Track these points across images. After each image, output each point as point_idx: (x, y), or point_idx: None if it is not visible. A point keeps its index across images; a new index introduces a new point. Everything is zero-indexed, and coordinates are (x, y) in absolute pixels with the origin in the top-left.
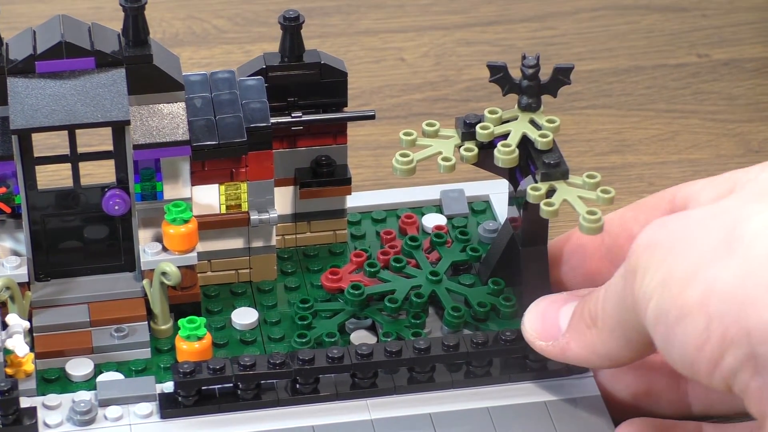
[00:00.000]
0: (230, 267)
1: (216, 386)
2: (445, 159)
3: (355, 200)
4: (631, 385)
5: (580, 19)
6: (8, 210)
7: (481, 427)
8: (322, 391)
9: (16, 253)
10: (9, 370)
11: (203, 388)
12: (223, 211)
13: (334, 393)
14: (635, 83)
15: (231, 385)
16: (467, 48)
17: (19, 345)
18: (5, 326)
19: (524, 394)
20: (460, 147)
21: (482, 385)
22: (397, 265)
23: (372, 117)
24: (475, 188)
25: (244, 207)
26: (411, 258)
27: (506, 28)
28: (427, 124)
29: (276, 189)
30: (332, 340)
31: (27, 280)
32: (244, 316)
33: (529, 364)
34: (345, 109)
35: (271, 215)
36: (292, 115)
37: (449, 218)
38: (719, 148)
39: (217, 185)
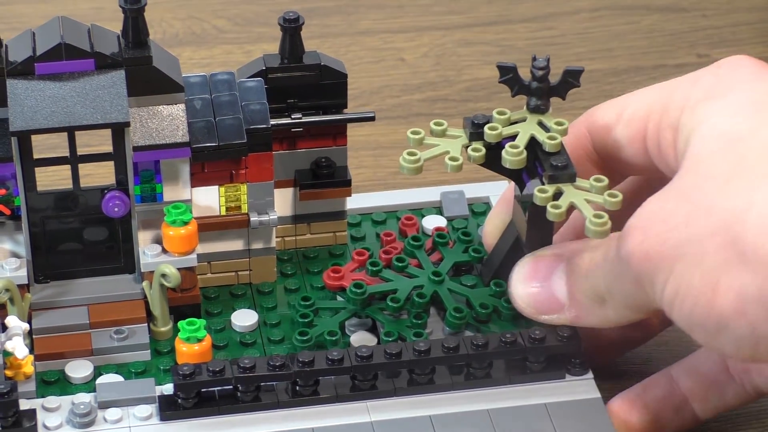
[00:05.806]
0: (230, 269)
1: (216, 388)
2: (453, 159)
3: (355, 202)
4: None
5: (580, 19)
6: (8, 212)
7: (481, 428)
8: (322, 393)
9: (15, 255)
10: (8, 372)
11: (203, 390)
12: (223, 212)
13: (334, 395)
14: (635, 83)
15: (231, 387)
16: (467, 48)
17: (18, 347)
18: (5, 328)
19: (524, 395)
20: (467, 147)
21: (482, 386)
22: (400, 264)
23: (372, 119)
24: (475, 190)
25: (244, 209)
26: (413, 258)
27: (506, 28)
28: (435, 123)
29: (276, 191)
30: (333, 338)
31: (26, 282)
32: (244, 318)
33: (529, 366)
34: (345, 110)
35: (271, 217)
36: (292, 116)
37: (449, 220)
38: None
39: (216, 187)
